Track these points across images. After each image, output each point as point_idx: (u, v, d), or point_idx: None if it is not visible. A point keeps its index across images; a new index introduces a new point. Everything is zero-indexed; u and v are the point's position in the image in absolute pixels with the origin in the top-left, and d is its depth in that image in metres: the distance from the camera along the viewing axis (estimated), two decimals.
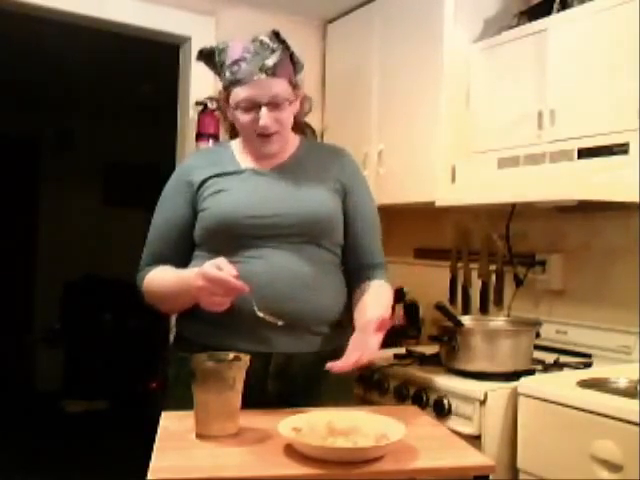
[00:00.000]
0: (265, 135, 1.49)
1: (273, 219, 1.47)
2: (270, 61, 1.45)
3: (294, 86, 1.53)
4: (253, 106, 1.46)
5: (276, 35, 1.48)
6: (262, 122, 1.46)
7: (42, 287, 5.41)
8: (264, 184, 1.53)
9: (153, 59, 3.37)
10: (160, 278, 1.51)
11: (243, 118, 1.48)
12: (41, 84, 4.48)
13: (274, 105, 1.47)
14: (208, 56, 1.54)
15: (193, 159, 1.65)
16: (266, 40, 1.47)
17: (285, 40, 1.49)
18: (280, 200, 1.50)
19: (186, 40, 2.69)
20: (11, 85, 4.40)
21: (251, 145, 1.55)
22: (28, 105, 5.01)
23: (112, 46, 3.29)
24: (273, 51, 1.46)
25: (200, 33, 2.67)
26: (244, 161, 1.57)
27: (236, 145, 1.61)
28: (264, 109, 1.45)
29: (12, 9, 2.44)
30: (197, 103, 2.62)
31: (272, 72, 1.45)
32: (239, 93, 1.46)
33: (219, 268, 1.31)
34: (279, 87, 1.47)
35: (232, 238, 1.47)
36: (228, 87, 1.49)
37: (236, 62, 1.46)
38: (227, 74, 1.48)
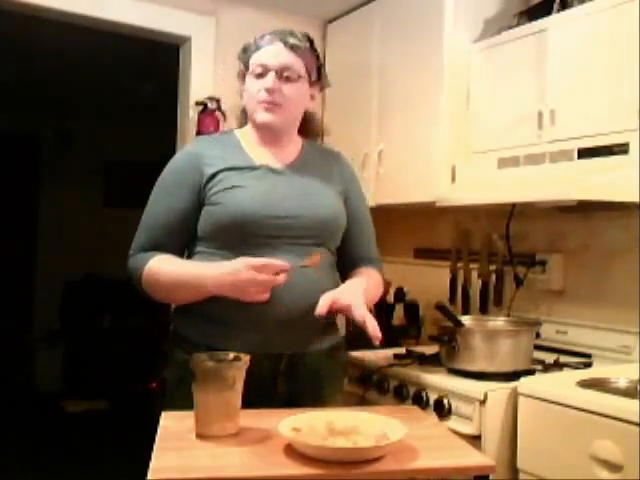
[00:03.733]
0: (267, 102, 1.49)
1: (290, 220, 1.46)
2: (292, 40, 1.50)
3: (311, 79, 1.56)
4: (263, 72, 1.50)
5: (309, 39, 1.55)
6: (266, 84, 1.48)
7: (42, 287, 5.41)
8: (278, 183, 1.51)
9: (153, 59, 3.38)
10: (169, 267, 1.46)
11: (252, 84, 1.51)
12: (41, 84, 4.48)
13: (283, 76, 1.49)
14: (246, 49, 1.58)
15: (200, 147, 1.57)
16: (296, 32, 1.54)
17: (317, 50, 1.57)
18: (294, 202, 1.49)
19: (186, 40, 2.69)
20: (11, 85, 4.40)
21: (257, 125, 1.54)
22: (28, 105, 5.02)
23: (112, 46, 3.29)
24: (299, 40, 1.52)
25: (200, 33, 2.67)
26: (253, 154, 1.55)
27: (242, 135, 1.59)
28: (272, 74, 1.48)
29: (12, 9, 2.44)
30: (197, 103, 2.62)
31: (290, 47, 1.50)
32: (254, 58, 1.52)
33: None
34: (293, 60, 1.51)
35: (245, 236, 1.45)
36: (249, 58, 1.54)
37: (263, 36, 1.53)
38: (252, 47, 1.54)
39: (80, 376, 4.98)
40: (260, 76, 1.50)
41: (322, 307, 1.38)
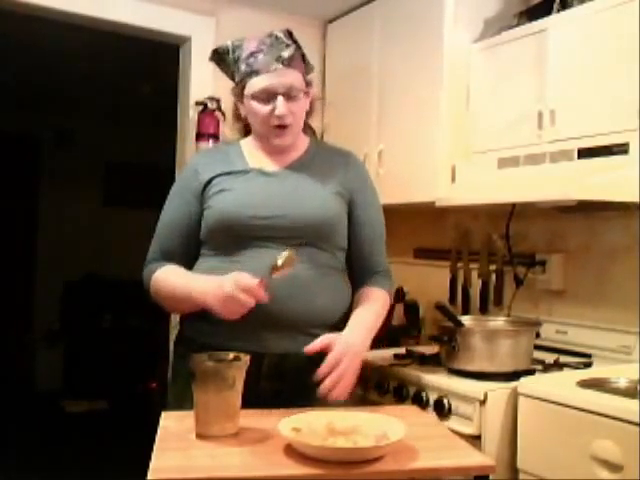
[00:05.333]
0: (281, 126, 1.50)
1: (273, 220, 1.47)
2: (286, 53, 1.50)
3: (307, 82, 1.57)
4: (269, 96, 1.49)
5: (289, 33, 1.54)
6: (279, 111, 1.48)
7: (42, 287, 5.40)
8: (268, 185, 1.53)
9: (153, 59, 3.38)
10: (168, 279, 1.50)
11: (260, 110, 1.50)
12: (41, 84, 4.48)
13: (289, 96, 1.49)
14: (222, 54, 1.56)
15: (201, 157, 1.66)
16: (281, 35, 1.52)
17: (297, 41, 1.55)
18: (281, 202, 1.50)
19: (186, 40, 2.69)
20: (11, 85, 4.40)
21: (264, 140, 1.56)
22: (28, 105, 5.01)
23: (112, 46, 3.29)
24: (287, 45, 1.51)
25: (200, 33, 2.67)
26: (253, 160, 1.57)
27: (246, 144, 1.62)
28: (280, 98, 1.48)
29: (12, 9, 2.44)
30: (197, 103, 2.62)
31: (288, 63, 1.49)
32: (256, 84, 1.49)
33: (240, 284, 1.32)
34: (294, 78, 1.50)
35: (232, 237, 1.48)
36: (244, 79, 1.52)
37: (253, 54, 1.50)
38: (243, 67, 1.51)
39: (80, 376, 4.99)
40: (267, 100, 1.49)
41: (314, 346, 1.40)
